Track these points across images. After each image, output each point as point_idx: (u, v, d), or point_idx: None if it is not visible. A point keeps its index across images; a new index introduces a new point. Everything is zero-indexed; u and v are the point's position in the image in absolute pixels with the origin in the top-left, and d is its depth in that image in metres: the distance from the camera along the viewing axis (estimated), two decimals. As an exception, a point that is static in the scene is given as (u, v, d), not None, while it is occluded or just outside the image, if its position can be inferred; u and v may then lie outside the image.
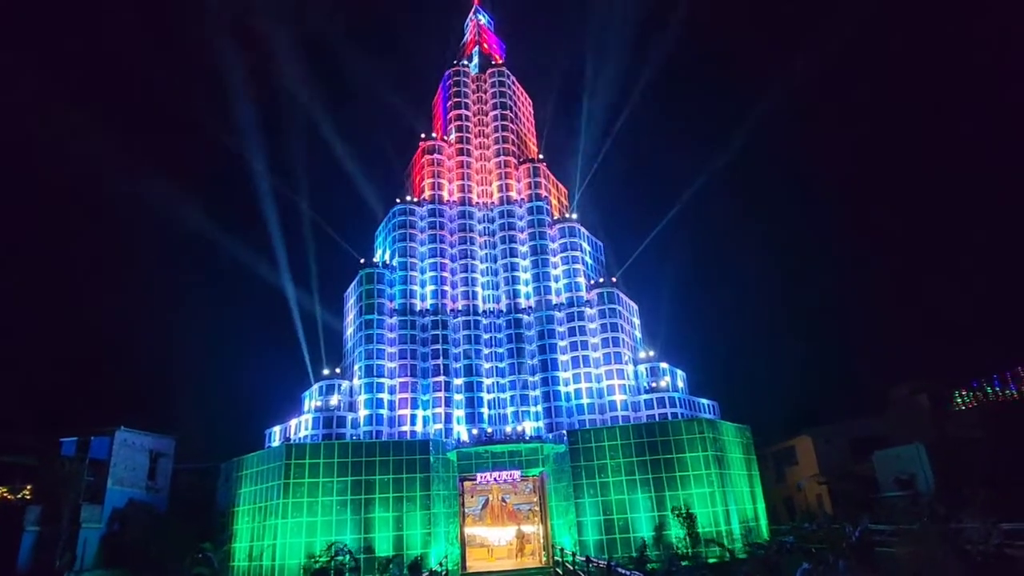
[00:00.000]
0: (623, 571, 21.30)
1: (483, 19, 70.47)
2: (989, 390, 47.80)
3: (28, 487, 38.62)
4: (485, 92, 61.41)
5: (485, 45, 67.36)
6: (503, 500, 45.57)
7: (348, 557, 35.05)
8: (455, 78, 61.12)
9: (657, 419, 45.10)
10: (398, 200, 55.43)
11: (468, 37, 69.67)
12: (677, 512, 37.59)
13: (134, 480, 42.27)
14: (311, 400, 48.59)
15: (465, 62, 63.06)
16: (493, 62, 63.75)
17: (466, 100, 60.47)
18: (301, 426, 46.63)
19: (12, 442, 40.42)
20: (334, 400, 47.46)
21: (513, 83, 62.75)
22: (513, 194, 57.01)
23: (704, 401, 50.04)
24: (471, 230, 55.26)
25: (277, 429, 49.54)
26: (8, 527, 35.18)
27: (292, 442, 42.91)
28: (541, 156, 60.15)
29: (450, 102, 60.48)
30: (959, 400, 49.45)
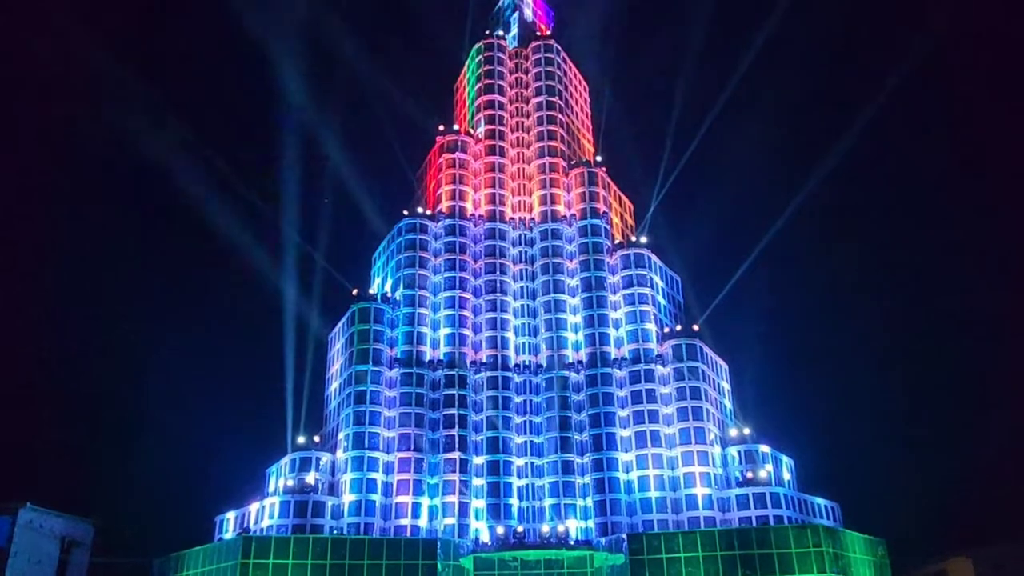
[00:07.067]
0: None
1: (526, -24, 73.16)
2: None
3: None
4: (527, 72, 62.04)
5: (528, 10, 67.65)
6: (533, 631, 46.41)
7: None
8: (487, 53, 61.73)
9: (754, 523, 44.86)
10: (406, 212, 56.58)
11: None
12: None
13: (39, 577, 42.92)
14: (279, 478, 49.35)
15: (500, 32, 64.40)
16: (538, 33, 65.17)
17: (500, 82, 61.41)
18: (264, 512, 47.16)
19: None
20: (310, 478, 48.23)
21: (564, 61, 63.56)
22: (561, 208, 57.60)
23: (820, 501, 49.37)
24: (502, 255, 55.54)
25: (231, 516, 50.25)
26: None
27: (252, 534, 43.73)
28: (599, 159, 60.53)
29: (479, 84, 61.29)
30: None
